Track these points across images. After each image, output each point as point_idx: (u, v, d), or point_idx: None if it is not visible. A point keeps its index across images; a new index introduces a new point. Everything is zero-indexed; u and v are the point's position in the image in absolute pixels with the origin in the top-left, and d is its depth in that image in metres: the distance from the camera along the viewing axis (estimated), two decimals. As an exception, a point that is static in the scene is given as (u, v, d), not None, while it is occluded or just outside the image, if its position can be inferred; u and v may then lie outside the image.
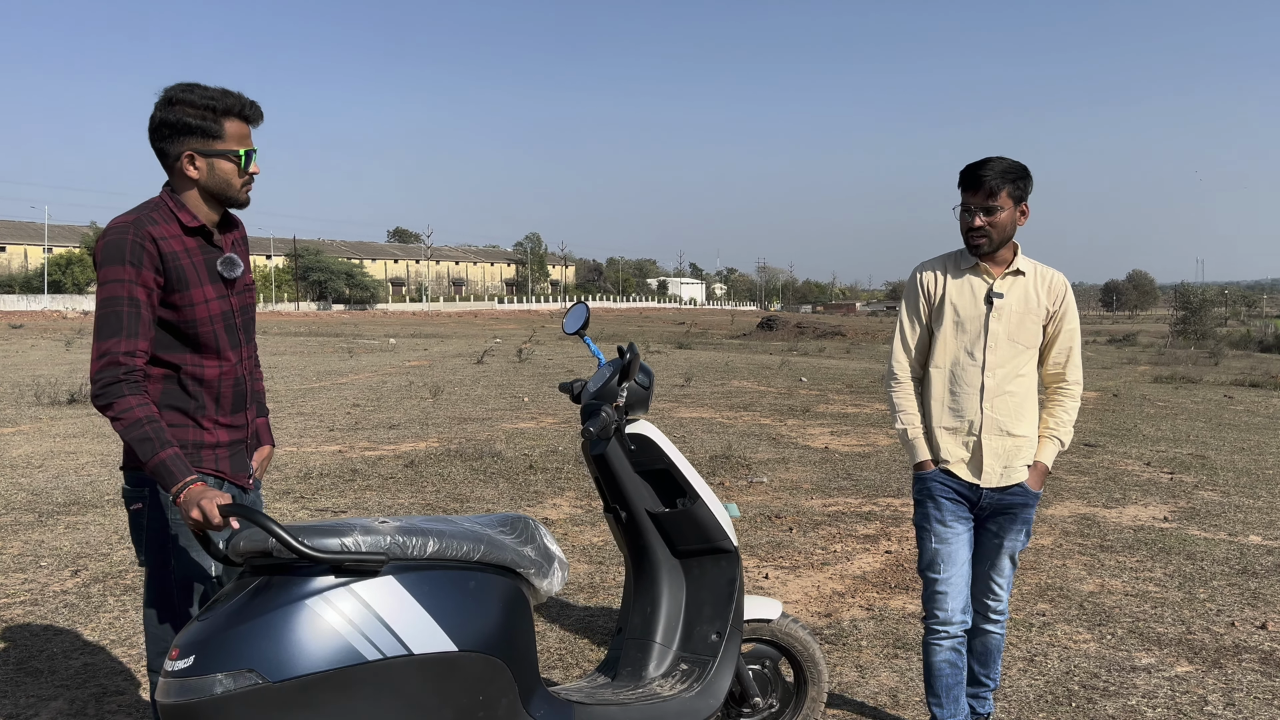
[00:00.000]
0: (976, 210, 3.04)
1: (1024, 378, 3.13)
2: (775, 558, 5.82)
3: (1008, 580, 3.27)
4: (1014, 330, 3.12)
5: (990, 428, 3.11)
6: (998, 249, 3.11)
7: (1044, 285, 3.15)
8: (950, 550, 3.17)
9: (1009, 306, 3.12)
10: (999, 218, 3.04)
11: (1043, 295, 3.14)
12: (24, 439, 10.09)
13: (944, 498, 3.17)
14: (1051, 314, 3.15)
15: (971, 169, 3.05)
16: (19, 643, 4.32)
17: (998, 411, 3.11)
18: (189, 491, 2.29)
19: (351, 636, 2.16)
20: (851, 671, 4.10)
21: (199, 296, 2.50)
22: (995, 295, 3.12)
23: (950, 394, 3.17)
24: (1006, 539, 3.20)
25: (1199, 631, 4.60)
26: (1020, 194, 3.07)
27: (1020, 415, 3.13)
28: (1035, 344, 3.14)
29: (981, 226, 3.04)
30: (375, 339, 34.98)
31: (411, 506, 7.02)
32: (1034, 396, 3.17)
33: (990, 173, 3.02)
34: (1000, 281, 3.14)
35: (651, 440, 2.99)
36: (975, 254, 3.11)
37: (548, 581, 2.62)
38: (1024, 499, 3.15)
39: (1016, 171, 3.06)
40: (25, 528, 6.34)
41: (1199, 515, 7.05)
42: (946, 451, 3.16)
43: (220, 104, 2.47)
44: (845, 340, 39.73)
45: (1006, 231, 3.07)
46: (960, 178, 3.09)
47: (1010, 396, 3.11)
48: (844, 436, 10.84)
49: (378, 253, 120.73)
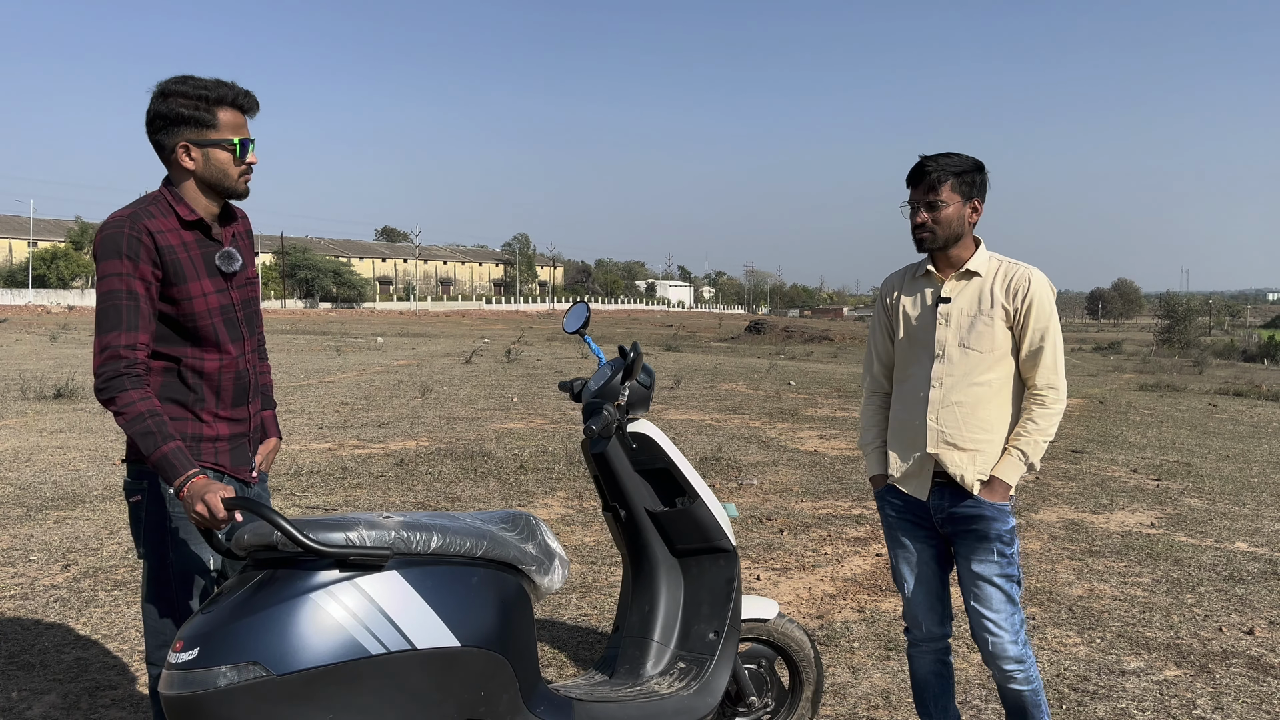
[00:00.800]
0: (919, 206, 2.90)
1: (979, 386, 2.89)
2: (766, 559, 5.84)
3: (1002, 616, 2.89)
4: (964, 336, 2.90)
5: (934, 440, 2.90)
6: (946, 247, 2.92)
7: (1001, 285, 2.90)
8: (908, 568, 3.05)
9: (957, 310, 2.91)
10: (943, 214, 2.87)
11: (999, 294, 2.88)
12: (10, 433, 10.02)
13: (894, 513, 3.04)
14: (1012, 314, 2.88)
15: (916, 164, 2.92)
16: (10, 636, 4.30)
17: (943, 423, 2.90)
18: (192, 485, 2.29)
19: (355, 630, 2.17)
20: (844, 672, 4.12)
21: (196, 290, 2.50)
22: (941, 300, 2.95)
23: (901, 406, 3.03)
24: (974, 561, 2.90)
25: (1187, 636, 4.64)
26: (969, 190, 2.89)
27: (969, 426, 2.88)
28: (995, 349, 2.88)
29: (924, 223, 2.89)
30: (363, 338, 34.88)
31: (403, 505, 7.01)
32: (994, 405, 2.90)
33: (934, 166, 2.87)
34: (949, 284, 2.95)
35: (652, 439, 3.00)
36: (921, 250, 2.96)
37: (549, 578, 2.63)
38: (977, 511, 2.86)
39: (962, 165, 2.88)
40: (14, 522, 6.30)
41: (1185, 522, 7.11)
42: (893, 466, 3.03)
43: (213, 94, 2.48)
44: (833, 345, 39.86)
45: (953, 228, 2.88)
46: (908, 176, 2.95)
47: (958, 407, 2.89)
48: (833, 440, 10.88)
49: (365, 251, 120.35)
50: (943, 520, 2.95)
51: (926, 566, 3.03)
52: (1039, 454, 2.87)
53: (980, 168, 2.93)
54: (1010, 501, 2.90)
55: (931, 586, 3.05)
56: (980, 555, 2.89)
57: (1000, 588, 2.89)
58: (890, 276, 3.19)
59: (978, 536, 2.89)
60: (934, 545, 3.03)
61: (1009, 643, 2.89)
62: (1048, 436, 2.87)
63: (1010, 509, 2.90)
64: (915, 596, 3.06)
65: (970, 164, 2.90)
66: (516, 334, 37.63)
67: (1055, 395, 2.88)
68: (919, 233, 2.91)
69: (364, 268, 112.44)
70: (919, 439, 2.94)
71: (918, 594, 3.05)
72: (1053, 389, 2.88)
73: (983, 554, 2.89)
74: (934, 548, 3.03)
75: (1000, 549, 2.88)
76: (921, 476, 2.95)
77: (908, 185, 2.95)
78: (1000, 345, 2.89)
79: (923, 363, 2.97)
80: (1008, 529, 2.89)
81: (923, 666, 3.13)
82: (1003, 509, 2.87)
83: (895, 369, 3.11)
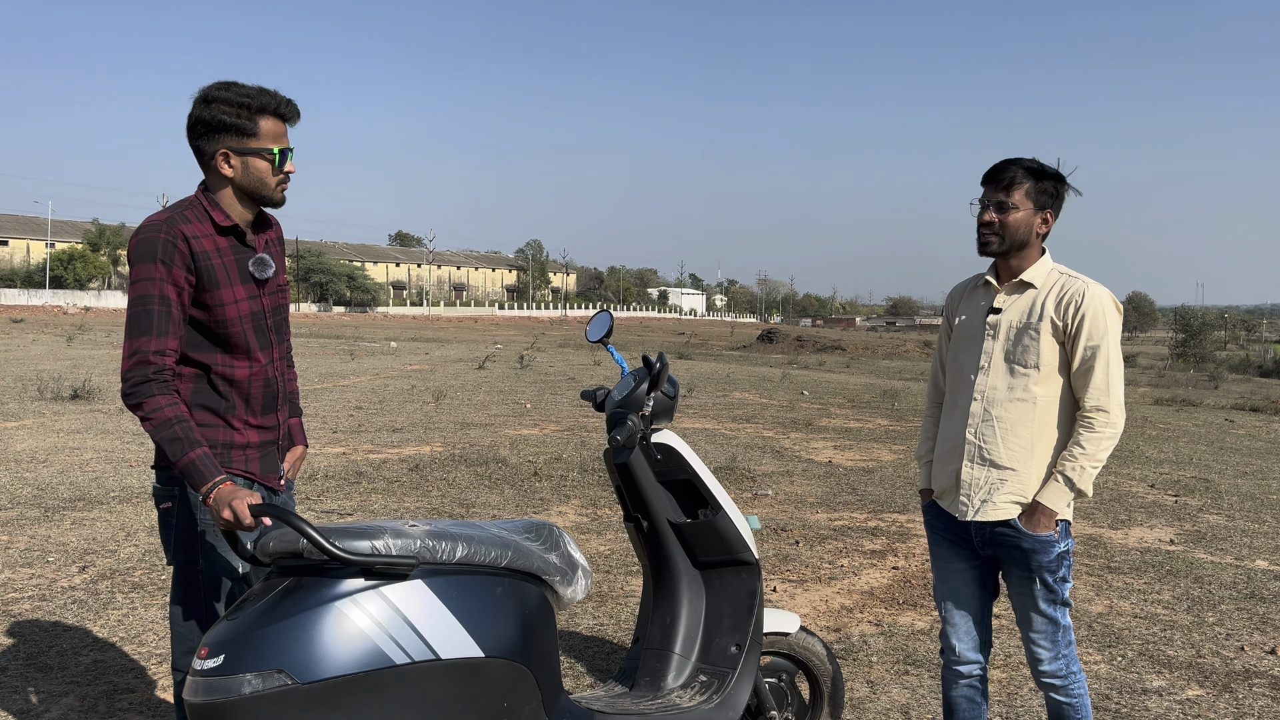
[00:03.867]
0: (989, 205, 2.80)
1: (1022, 403, 2.78)
2: (782, 571, 5.82)
3: (1046, 638, 2.83)
4: (1010, 349, 2.81)
5: (971, 455, 2.82)
6: (1008, 253, 2.82)
7: (1054, 298, 2.78)
8: (950, 587, 2.98)
9: (1006, 322, 2.82)
10: (1012, 217, 2.77)
11: (1050, 309, 2.77)
12: (28, 434, 10.07)
13: (937, 532, 2.98)
14: (1063, 329, 2.75)
15: (996, 164, 2.83)
16: (28, 638, 4.31)
17: (981, 437, 2.81)
18: (219, 492, 2.29)
19: (380, 640, 2.16)
20: (862, 687, 4.09)
21: (229, 296, 2.50)
22: (993, 310, 2.86)
23: (946, 419, 2.96)
24: (1015, 586, 2.84)
25: (1209, 655, 4.60)
26: (1043, 199, 2.79)
27: (1007, 444, 2.78)
28: (1041, 364, 2.76)
29: (991, 222, 2.79)
30: (376, 342, 34.99)
31: (418, 510, 7.01)
32: (1036, 424, 2.79)
33: (1012, 167, 2.78)
34: (1002, 295, 2.86)
35: (676, 450, 2.99)
36: (983, 253, 2.85)
37: (572, 589, 2.62)
38: (1017, 541, 2.77)
39: (1042, 173, 2.79)
40: (31, 523, 6.33)
41: (1205, 539, 7.05)
42: (935, 481, 2.97)
43: (256, 102, 2.48)
44: (845, 355, 39.76)
45: (1019, 235, 2.78)
46: (984, 174, 2.86)
47: (998, 422, 2.79)
48: (847, 451, 10.84)
49: (379, 256, 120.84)
50: (983, 542, 2.87)
51: (966, 589, 2.96)
52: (1086, 480, 2.72)
53: (1060, 179, 2.83)
54: (1057, 529, 2.77)
55: (970, 610, 2.97)
56: (1021, 585, 2.84)
57: (1042, 613, 2.83)
58: (956, 286, 3.11)
59: (1018, 564, 2.81)
60: (976, 567, 2.95)
61: (1050, 660, 2.85)
62: (1096, 463, 2.72)
63: (1055, 537, 2.77)
64: (952, 619, 2.99)
65: (1051, 173, 2.81)
66: (529, 340, 37.71)
67: (1105, 419, 2.73)
68: (983, 233, 2.82)
69: (378, 272, 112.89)
70: (958, 453, 2.87)
71: (954, 617, 2.99)
72: (1102, 412, 2.73)
73: (1024, 583, 2.83)
74: (976, 569, 2.95)
75: (1043, 578, 2.78)
76: (956, 493, 2.89)
77: (982, 183, 2.85)
78: (1047, 361, 2.77)
79: (969, 375, 2.89)
80: (1051, 558, 2.77)
81: (953, 691, 3.06)
82: (1045, 540, 2.75)
83: (948, 378, 3.04)
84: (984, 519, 2.82)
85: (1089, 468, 2.72)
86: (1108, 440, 2.73)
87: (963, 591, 2.96)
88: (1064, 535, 2.79)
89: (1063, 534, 2.79)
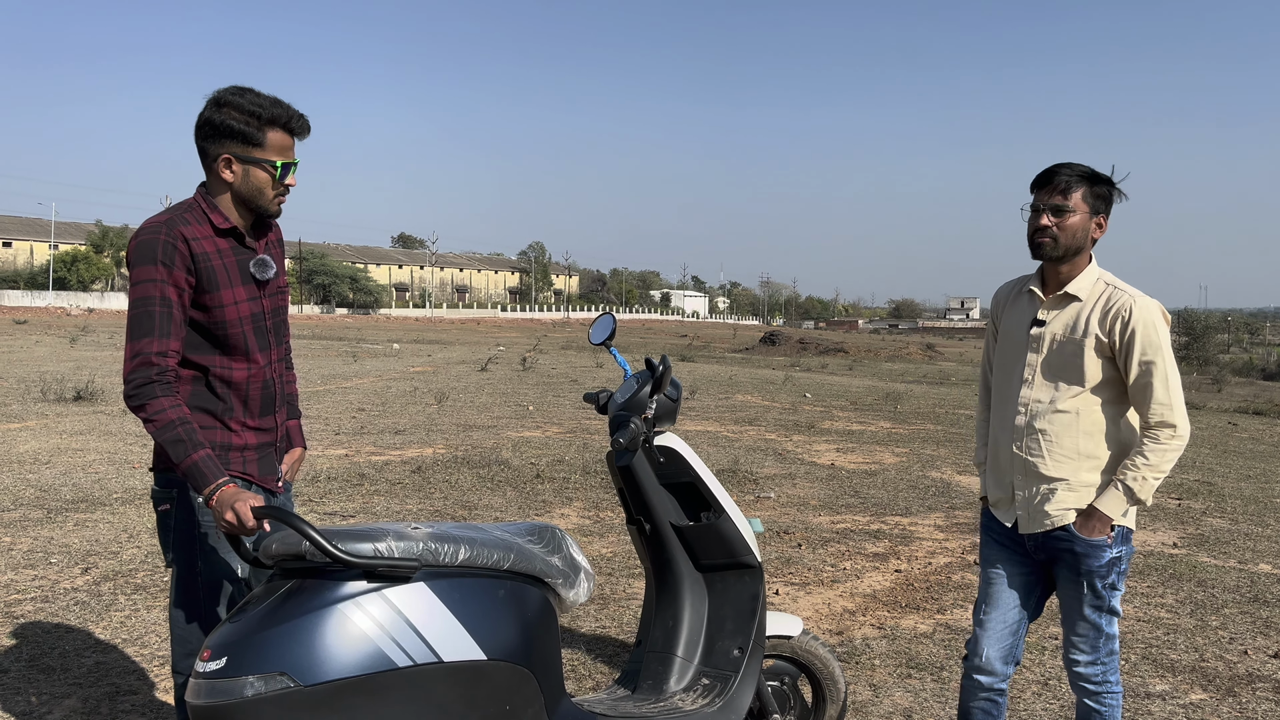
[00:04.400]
0: (1044, 209, 2.76)
1: (1066, 414, 2.78)
2: (785, 573, 5.81)
3: (1088, 643, 2.84)
4: (1053, 362, 2.80)
5: (1019, 468, 2.84)
6: (1063, 259, 2.79)
7: (1100, 312, 2.75)
8: (993, 591, 2.95)
9: (1050, 335, 2.81)
10: (1069, 221, 2.74)
11: (1094, 323, 2.74)
12: (31, 435, 10.09)
13: (991, 536, 2.98)
14: (1113, 346, 2.73)
15: (1048, 167, 2.81)
16: (30, 639, 4.31)
17: (1027, 450, 2.83)
18: (222, 494, 2.29)
19: (382, 642, 2.16)
20: (865, 690, 4.08)
21: (229, 298, 2.50)
22: (1037, 322, 2.84)
23: (995, 429, 2.95)
24: (1064, 590, 2.85)
25: (1212, 659, 4.59)
26: (1098, 203, 2.77)
27: (1053, 455, 2.79)
28: (1085, 379, 2.76)
29: (1047, 227, 2.75)
30: (379, 344, 35.01)
31: (420, 512, 7.01)
32: (1081, 435, 2.79)
33: (1067, 171, 2.76)
34: (1045, 307, 2.84)
35: (678, 453, 2.99)
36: (1037, 257, 2.82)
37: (574, 592, 2.62)
38: (1070, 545, 2.78)
39: (1096, 177, 2.77)
40: (34, 524, 6.33)
41: (1208, 542, 7.04)
42: (989, 491, 2.98)
43: (267, 113, 2.48)
44: (848, 357, 39.73)
45: (1076, 240, 2.75)
46: (1035, 178, 2.84)
47: (1043, 435, 2.80)
48: (850, 454, 10.83)
49: (382, 258, 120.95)
50: (1035, 546, 2.88)
51: (1009, 596, 2.95)
52: (1147, 491, 2.72)
53: (1113, 185, 2.82)
54: (1112, 534, 2.77)
55: (1009, 619, 2.95)
56: (1069, 588, 2.85)
57: (1086, 618, 2.84)
58: (1001, 287, 3.09)
59: (1069, 567, 2.82)
60: (1023, 576, 2.94)
61: (1088, 665, 2.86)
62: (1160, 474, 2.72)
63: (1108, 542, 2.77)
64: (988, 621, 2.96)
65: (1104, 178, 2.80)
66: (531, 342, 37.71)
67: (1170, 433, 2.71)
68: (1039, 237, 2.78)
69: (380, 274, 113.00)
70: (1007, 465, 2.89)
71: (992, 622, 2.96)
72: (1168, 426, 2.71)
73: (1072, 585, 2.83)
74: (1023, 579, 2.94)
75: (1091, 582, 2.79)
76: (1008, 503, 2.91)
77: (1033, 189, 2.83)
78: (1091, 375, 2.77)
79: (1014, 386, 2.89)
80: (1103, 563, 2.77)
81: (971, 701, 3.01)
82: (1096, 545, 2.76)
83: (994, 388, 3.04)
84: (1037, 530, 2.83)
85: (1151, 479, 2.72)
86: (1173, 452, 2.72)
87: (1006, 599, 2.95)
88: (1120, 541, 2.79)
89: (1119, 540, 2.79)
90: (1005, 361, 2.95)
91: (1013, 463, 2.87)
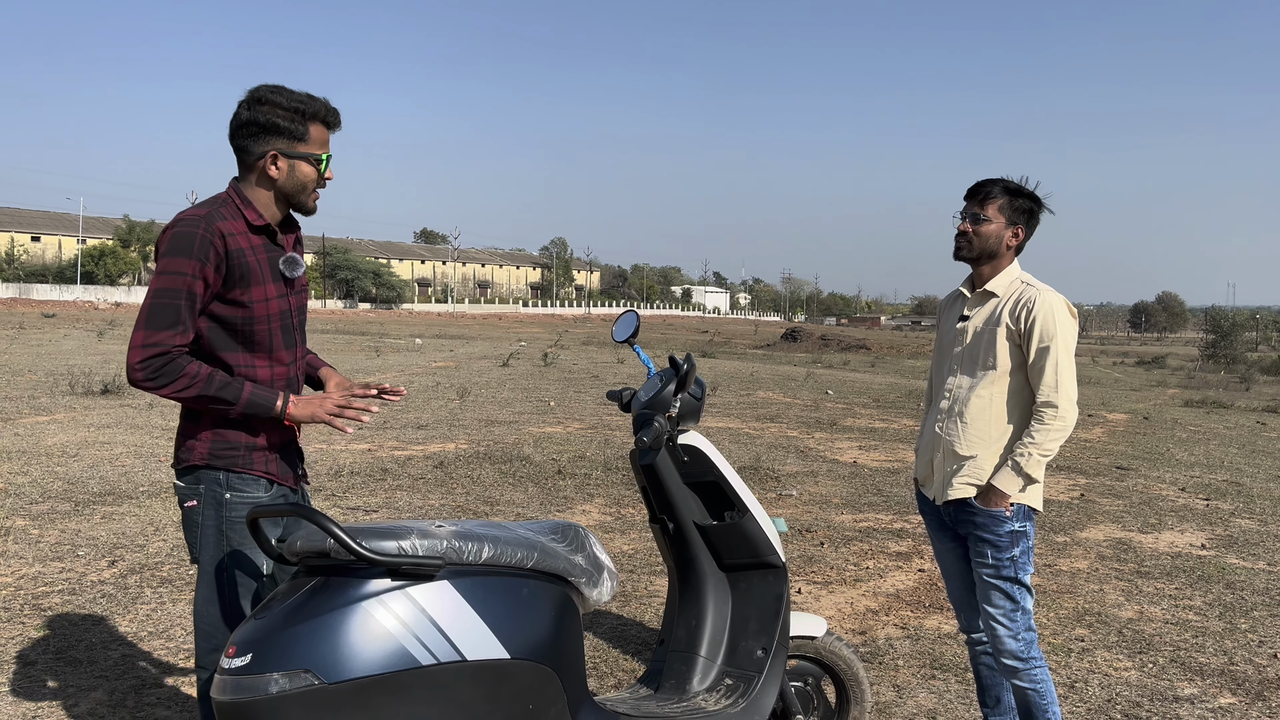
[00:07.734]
0: (965, 215, 3.12)
1: (981, 399, 3.06)
2: (807, 572, 5.78)
3: (1000, 612, 3.03)
4: (973, 352, 3.11)
5: (939, 447, 3.15)
6: (978, 262, 3.13)
7: (1012, 304, 3.06)
8: (944, 566, 3.30)
9: (972, 328, 3.14)
10: (983, 228, 3.08)
11: (1006, 315, 3.05)
12: (59, 428, 10.19)
13: (926, 515, 3.30)
14: (1019, 333, 3.02)
15: (977, 182, 3.15)
16: (58, 631, 4.35)
17: (947, 431, 3.13)
18: (295, 403, 2.50)
19: (406, 640, 2.16)
20: (889, 691, 4.05)
21: (260, 295, 2.51)
22: (963, 317, 3.18)
23: (927, 414, 3.31)
24: (974, 560, 3.10)
25: (1241, 663, 4.52)
26: (1014, 215, 3.09)
27: (967, 436, 3.07)
28: (1000, 366, 3.04)
29: (965, 232, 3.10)
30: (401, 339, 35.18)
31: (442, 508, 7.03)
32: (991, 418, 3.05)
33: (990, 185, 3.09)
34: (970, 304, 3.18)
35: (702, 452, 2.97)
36: (955, 258, 3.18)
37: (597, 591, 2.61)
38: (973, 515, 3.05)
39: (1018, 192, 3.09)
40: (62, 516, 6.40)
41: (1237, 543, 6.95)
42: (918, 470, 3.29)
43: (308, 108, 2.52)
44: (870, 354, 39.55)
45: (988, 245, 3.09)
46: (967, 189, 3.18)
47: (960, 418, 3.10)
48: (872, 451, 10.77)
49: (405, 253, 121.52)
50: (952, 520, 3.17)
51: (955, 565, 3.25)
52: (1034, 467, 2.98)
53: (1035, 200, 3.12)
54: (1010, 510, 3.01)
55: (965, 583, 3.25)
56: (977, 556, 3.09)
57: (997, 586, 3.04)
58: (944, 297, 3.45)
59: (975, 539, 3.08)
60: (960, 545, 3.23)
61: (1008, 638, 3.04)
62: (1045, 452, 2.97)
63: (1006, 514, 3.01)
64: (952, 593, 3.32)
65: (1025, 192, 3.10)
66: (553, 337, 37.78)
67: (1053, 414, 2.97)
68: (957, 240, 3.14)
69: (403, 269, 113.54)
70: (933, 445, 3.18)
71: (953, 590, 3.31)
72: (1050, 406, 2.97)
73: (979, 555, 3.08)
74: (961, 547, 3.23)
75: (993, 552, 3.03)
76: (931, 479, 3.20)
77: (964, 198, 3.17)
78: (1002, 362, 3.05)
79: (943, 375, 3.22)
80: (1001, 534, 3.02)
81: (977, 661, 3.35)
82: (995, 515, 3.01)
83: (932, 380, 3.37)
84: (949, 499, 3.11)
85: (1037, 456, 2.97)
86: (1056, 432, 2.98)
87: (954, 567, 3.26)
88: (1021, 517, 3.03)
89: (1017, 515, 3.03)
90: (940, 356, 3.29)
91: (935, 442, 3.17)
